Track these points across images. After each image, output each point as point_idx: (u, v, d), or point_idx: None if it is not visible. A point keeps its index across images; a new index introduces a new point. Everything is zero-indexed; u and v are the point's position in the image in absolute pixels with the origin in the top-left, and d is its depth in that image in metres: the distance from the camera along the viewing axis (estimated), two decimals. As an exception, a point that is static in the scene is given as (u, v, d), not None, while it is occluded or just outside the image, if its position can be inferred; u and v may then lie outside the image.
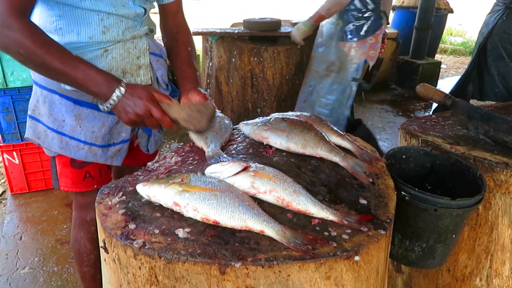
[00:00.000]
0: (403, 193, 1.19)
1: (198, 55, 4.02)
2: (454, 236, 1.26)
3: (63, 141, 1.34)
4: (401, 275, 1.79)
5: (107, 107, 1.14)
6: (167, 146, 3.80)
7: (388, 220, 0.99)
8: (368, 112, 4.86)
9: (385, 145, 4.00)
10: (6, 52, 1.08)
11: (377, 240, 0.91)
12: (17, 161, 2.83)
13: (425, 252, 1.25)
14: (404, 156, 1.42)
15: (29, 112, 1.38)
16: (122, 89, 1.13)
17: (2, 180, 3.14)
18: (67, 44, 1.21)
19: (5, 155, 2.80)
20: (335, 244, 0.87)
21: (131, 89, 1.14)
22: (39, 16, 1.23)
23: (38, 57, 1.07)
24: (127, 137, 1.42)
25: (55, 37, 1.20)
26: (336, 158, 1.18)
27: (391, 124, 4.48)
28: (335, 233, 0.91)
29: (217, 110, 1.36)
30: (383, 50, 2.89)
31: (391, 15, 6.06)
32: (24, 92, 2.68)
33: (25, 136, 1.40)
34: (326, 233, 0.91)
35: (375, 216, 0.99)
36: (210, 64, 3.53)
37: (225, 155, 1.19)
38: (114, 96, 1.12)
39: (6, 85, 2.64)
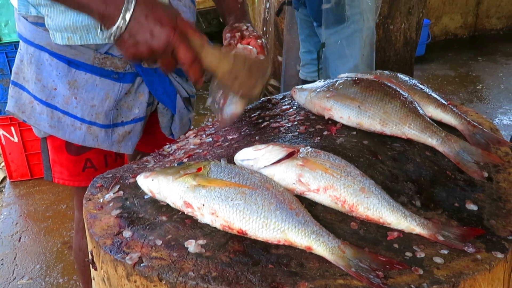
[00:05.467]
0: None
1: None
2: None
3: (54, 117, 1.37)
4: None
5: (112, 33, 1.02)
6: (209, 121, 3.82)
7: (511, 237, 0.90)
8: (502, 70, 4.55)
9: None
10: None
11: (489, 268, 0.84)
12: (16, 139, 3.00)
13: None
14: (545, 139, 1.28)
15: (11, 77, 1.42)
16: (132, 4, 0.99)
17: (2, 164, 3.35)
18: None
19: (1, 131, 2.96)
20: (421, 272, 0.81)
21: (149, 8, 1.01)
22: None
23: None
24: (141, 114, 1.41)
25: None
26: (432, 141, 1.11)
27: (536, 89, 4.18)
28: (422, 255, 0.85)
29: None
30: None
31: None
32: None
33: (6, 109, 1.44)
34: (408, 254, 0.85)
35: (489, 230, 0.92)
36: (267, 6, 3.49)
37: None
38: (123, 16, 1.00)
39: (0, 39, 2.79)
